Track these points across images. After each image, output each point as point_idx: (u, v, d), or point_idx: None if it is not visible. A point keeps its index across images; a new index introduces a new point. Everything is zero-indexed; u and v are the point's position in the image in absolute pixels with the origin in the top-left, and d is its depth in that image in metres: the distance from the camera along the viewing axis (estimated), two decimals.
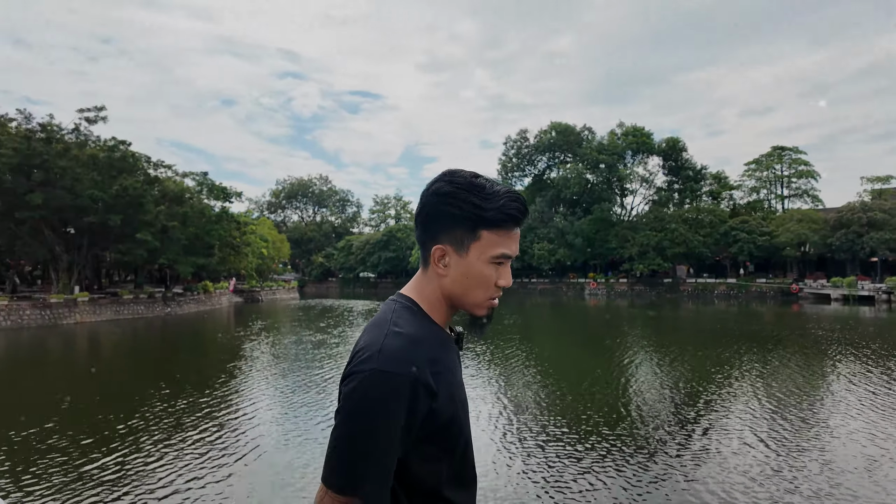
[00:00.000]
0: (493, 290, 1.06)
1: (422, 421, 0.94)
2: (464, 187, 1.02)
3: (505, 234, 1.04)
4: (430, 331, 1.03)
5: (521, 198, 1.05)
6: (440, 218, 1.03)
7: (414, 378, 0.91)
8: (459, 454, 1.03)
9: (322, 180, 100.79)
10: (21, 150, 25.73)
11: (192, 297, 36.93)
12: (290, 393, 11.21)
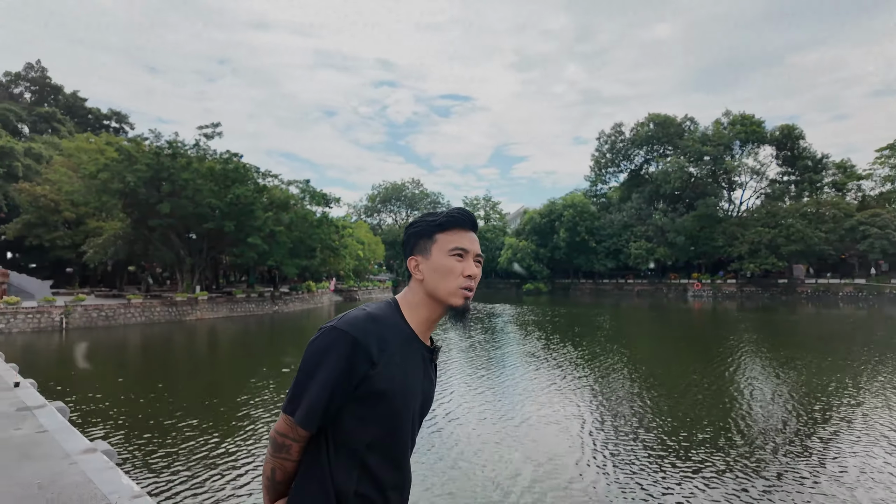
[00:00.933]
0: (461, 280, 1.26)
1: (359, 380, 1.15)
2: (421, 215, 1.35)
3: (456, 233, 1.29)
4: (395, 322, 1.25)
5: (465, 209, 1.33)
6: (410, 239, 1.34)
7: (355, 339, 1.14)
8: (386, 429, 1.21)
9: (414, 184, 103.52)
10: (152, 165, 28.95)
11: (297, 295, 39.48)
12: None
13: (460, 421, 9.04)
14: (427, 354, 1.32)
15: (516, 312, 34.11)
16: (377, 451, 1.22)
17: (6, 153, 43.98)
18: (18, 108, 55.97)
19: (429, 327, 1.32)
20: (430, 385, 1.35)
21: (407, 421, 1.25)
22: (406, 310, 1.30)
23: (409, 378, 1.24)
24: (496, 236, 77.94)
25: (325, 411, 1.16)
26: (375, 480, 1.22)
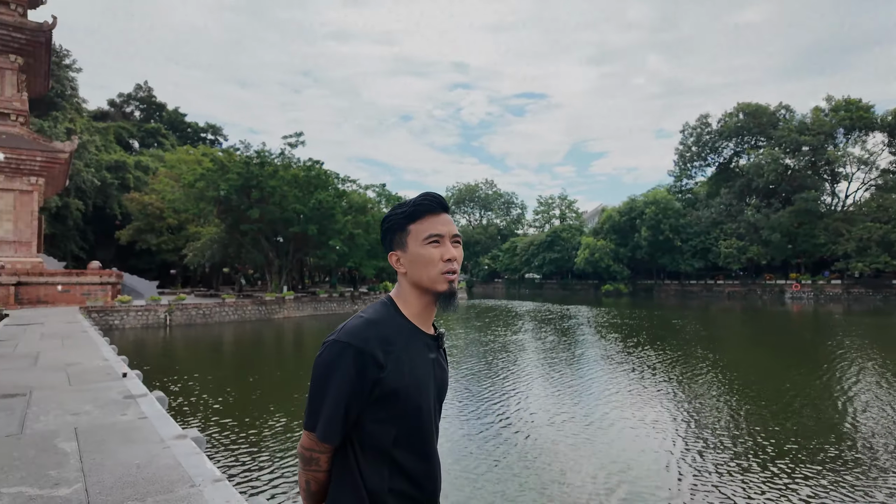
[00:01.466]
0: (441, 265, 1.27)
1: (371, 386, 1.18)
2: (391, 210, 1.35)
3: (427, 220, 1.29)
4: (394, 320, 1.27)
5: (431, 193, 1.32)
6: (386, 235, 1.35)
7: (358, 348, 1.16)
8: (408, 425, 1.24)
9: (488, 184, 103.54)
10: (242, 174, 31.14)
11: (375, 295, 40.82)
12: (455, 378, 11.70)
13: (535, 423, 8.96)
14: (432, 343, 1.33)
15: (594, 314, 33.14)
16: (403, 447, 1.24)
17: (120, 166, 49.05)
18: (130, 125, 62.18)
19: (426, 317, 1.33)
20: (441, 371, 1.36)
21: (426, 412, 1.27)
22: (401, 304, 1.31)
23: (419, 371, 1.26)
24: (572, 236, 76.11)
25: (344, 424, 1.20)
26: (407, 475, 1.24)
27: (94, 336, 13.70)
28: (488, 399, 10.75)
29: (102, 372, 8.45)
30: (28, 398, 6.60)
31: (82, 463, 4.29)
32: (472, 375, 13.47)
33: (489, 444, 7.88)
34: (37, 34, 28.05)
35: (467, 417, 9.41)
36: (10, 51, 28.06)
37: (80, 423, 5.46)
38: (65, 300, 26.03)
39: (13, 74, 28.40)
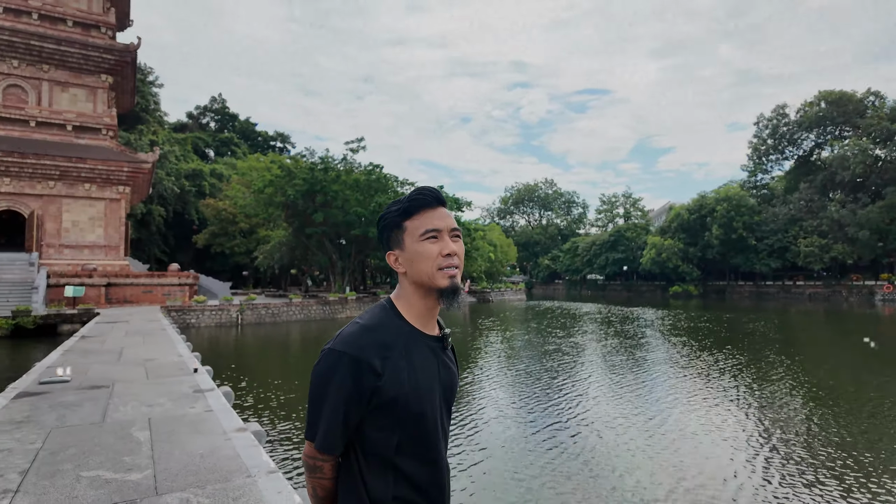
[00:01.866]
0: (439, 260, 1.22)
1: (369, 394, 1.16)
2: (387, 207, 1.31)
3: (421, 216, 1.24)
4: (392, 324, 1.23)
5: (426, 188, 1.28)
6: (383, 233, 1.30)
7: (354, 357, 1.14)
8: (410, 432, 1.20)
9: (547, 184, 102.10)
10: (307, 179, 32.47)
11: None
12: (512, 381, 11.65)
13: (598, 427, 8.77)
14: (435, 344, 1.29)
15: (660, 317, 31.90)
16: (407, 454, 1.21)
17: (197, 174, 52.37)
18: (206, 135, 66.28)
19: (429, 317, 1.29)
20: (448, 373, 1.31)
21: (429, 419, 1.23)
22: (401, 306, 1.27)
23: (420, 376, 1.22)
24: (638, 235, 73.57)
25: (343, 434, 1.19)
26: (412, 482, 1.22)
27: (171, 333, 14.77)
28: (544, 401, 10.64)
29: (176, 367, 9.11)
30: (111, 390, 7.24)
31: (153, 451, 4.68)
32: (528, 375, 13.37)
33: (543, 447, 7.81)
34: (124, 55, 30.56)
35: (522, 419, 9.36)
36: (101, 71, 30.72)
37: (153, 414, 5.94)
38: (148, 300, 28.17)
39: (104, 92, 31.06)
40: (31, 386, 7.45)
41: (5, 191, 27.36)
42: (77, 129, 29.87)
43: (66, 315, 22.41)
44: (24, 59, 28.74)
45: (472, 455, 7.53)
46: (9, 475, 4.10)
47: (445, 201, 1.29)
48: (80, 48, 29.42)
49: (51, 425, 5.49)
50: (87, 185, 29.13)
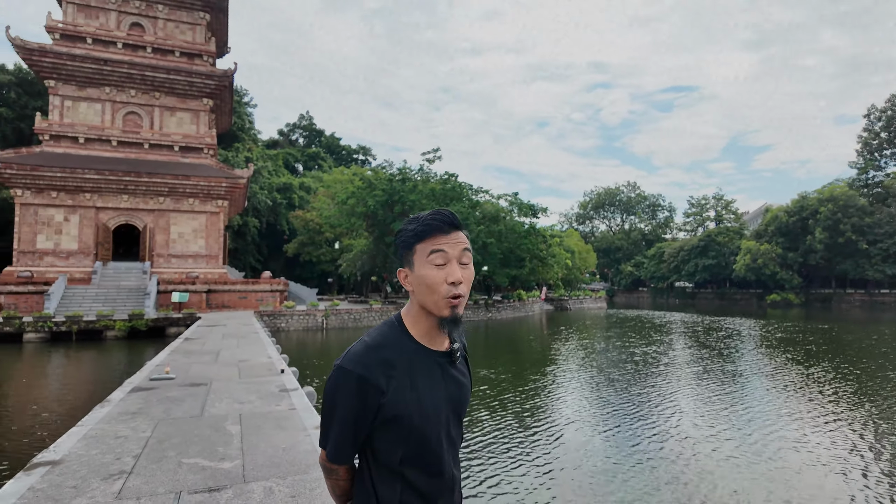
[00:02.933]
0: (444, 289, 1.23)
1: (375, 411, 1.22)
2: (403, 225, 1.33)
3: (432, 240, 1.26)
4: (398, 341, 1.28)
5: (442, 212, 1.29)
6: (397, 251, 1.33)
7: (360, 375, 1.20)
8: (414, 446, 1.25)
9: (630, 187, 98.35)
10: (386, 190, 33.66)
11: (509, 304, 41.11)
12: (597, 397, 11.42)
13: (692, 449, 8.25)
14: (443, 360, 1.33)
15: (756, 328, 29.69)
16: (412, 465, 1.26)
17: (287, 188, 55.81)
18: (295, 150, 70.50)
19: (435, 335, 1.32)
20: (456, 386, 1.35)
21: (432, 435, 1.27)
22: (409, 323, 1.31)
23: (424, 394, 1.26)
24: (730, 239, 68.86)
25: (353, 446, 1.27)
26: (418, 491, 1.27)
27: (262, 337, 15.92)
28: (631, 414, 10.34)
29: (266, 368, 9.86)
30: (209, 387, 8.00)
31: (243, 443, 5.18)
32: (610, 386, 13.03)
33: (631, 462, 7.61)
34: (223, 80, 33.39)
35: (608, 432, 9.14)
36: (203, 95, 33.75)
37: (244, 411, 6.52)
38: (243, 305, 30.42)
39: (205, 115, 34.08)
40: (143, 382, 8.40)
41: (123, 207, 30.78)
42: (182, 149, 32.99)
43: (173, 318, 24.76)
44: (140, 88, 32.24)
45: (556, 461, 7.52)
46: (124, 458, 4.72)
47: (461, 225, 1.31)
48: (186, 76, 32.54)
49: (158, 417, 6.21)
50: (191, 199, 32.06)
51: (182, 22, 33.79)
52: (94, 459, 4.68)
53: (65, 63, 30.10)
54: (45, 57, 29.72)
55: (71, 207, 29.73)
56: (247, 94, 61.55)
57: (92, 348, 20.69)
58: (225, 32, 37.88)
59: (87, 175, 29.30)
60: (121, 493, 3.91)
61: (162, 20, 33.32)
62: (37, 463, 4.60)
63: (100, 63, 30.63)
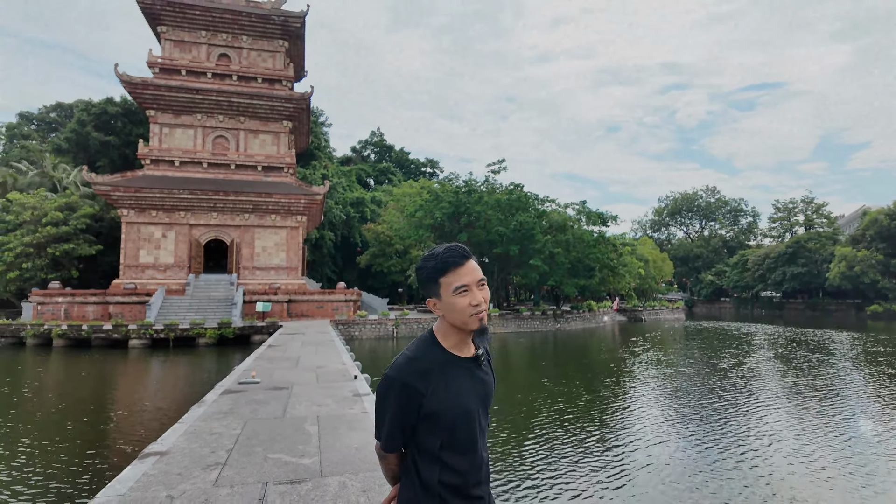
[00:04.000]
0: (469, 310, 1.54)
1: (417, 409, 1.53)
2: (422, 261, 1.59)
3: (453, 272, 1.55)
4: (431, 353, 1.58)
5: (453, 247, 1.57)
6: (422, 285, 1.61)
7: (403, 382, 1.52)
8: (450, 434, 1.55)
9: (709, 191, 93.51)
10: (452, 202, 34.33)
11: (578, 314, 40.31)
12: (674, 413, 11.15)
13: (768, 460, 7.98)
14: (470, 364, 1.63)
15: (856, 342, 27.27)
16: (448, 450, 1.55)
17: (360, 202, 58.03)
18: (367, 166, 73.19)
19: (462, 345, 1.63)
20: (482, 385, 1.64)
21: (465, 425, 1.56)
22: (440, 337, 1.61)
23: (455, 393, 1.56)
24: (822, 245, 63.60)
25: (400, 438, 1.58)
26: (453, 469, 1.56)
27: (338, 344, 16.78)
28: (712, 429, 10.03)
29: (340, 374, 10.50)
30: (290, 391, 8.68)
31: (320, 442, 5.67)
32: (692, 402, 12.63)
33: (716, 480, 7.44)
34: (300, 102, 35.55)
35: (688, 448, 8.90)
36: (283, 118, 36.07)
37: (321, 413, 7.07)
38: (320, 314, 31.98)
39: (285, 136, 36.37)
40: (233, 385, 9.24)
41: (213, 223, 33.41)
42: (265, 168, 35.37)
43: (257, 327, 26.52)
44: (227, 113, 35.00)
45: (636, 479, 7.52)
46: (219, 452, 5.34)
47: (471, 255, 1.59)
48: (268, 100, 34.96)
49: (247, 417, 6.88)
50: (273, 215, 34.26)
51: (263, 50, 36.39)
52: (194, 452, 5.33)
53: (163, 94, 33.29)
54: (146, 89, 33.04)
55: (168, 225, 32.70)
56: (322, 114, 64.86)
57: (186, 354, 22.63)
58: (302, 57, 40.32)
59: (182, 195, 32.18)
60: (217, 482, 4.47)
61: (246, 50, 36.06)
62: (147, 453, 5.31)
63: (193, 92, 33.60)
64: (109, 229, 38.81)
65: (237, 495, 4.17)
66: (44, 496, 6.80)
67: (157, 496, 4.15)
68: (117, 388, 15.89)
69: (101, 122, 47.18)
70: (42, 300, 29.03)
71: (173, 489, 4.30)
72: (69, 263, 36.14)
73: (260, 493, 4.21)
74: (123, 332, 24.68)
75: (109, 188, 31.30)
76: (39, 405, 12.69)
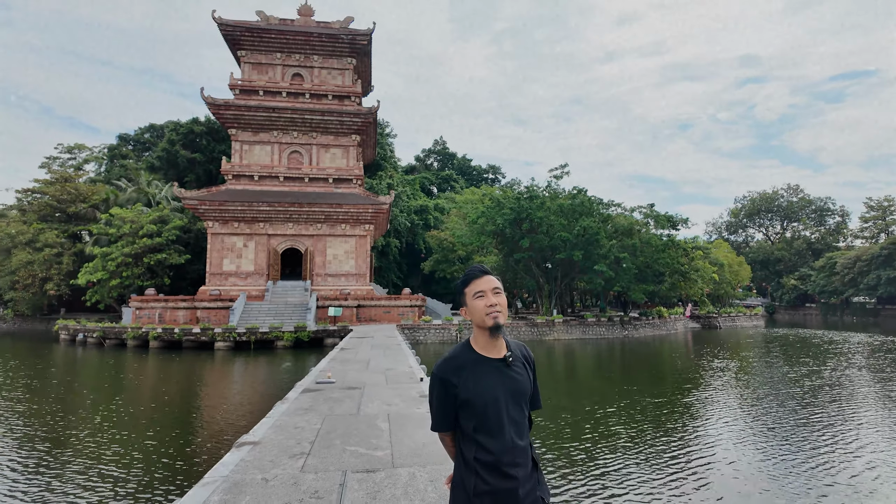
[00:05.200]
0: (485, 310, 1.99)
1: (454, 398, 1.97)
2: (458, 281, 2.12)
3: (473, 283, 2.04)
4: (465, 354, 2.03)
5: (475, 266, 2.11)
6: (456, 298, 2.16)
7: (441, 378, 1.99)
8: (480, 419, 1.95)
9: (791, 190, 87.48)
10: (514, 208, 34.49)
11: (647, 321, 39.13)
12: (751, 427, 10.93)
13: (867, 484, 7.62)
14: (499, 363, 2.01)
15: None
16: (480, 433, 1.94)
17: (423, 209, 59.34)
18: (430, 174, 74.64)
19: (490, 346, 2.02)
20: (511, 381, 2.01)
21: (493, 413, 1.94)
22: (473, 343, 2.04)
23: (483, 385, 1.96)
24: None
25: (445, 421, 2.02)
26: (485, 450, 1.93)
27: (404, 348, 17.52)
28: (807, 453, 9.77)
29: (407, 376, 11.12)
30: (362, 391, 9.38)
31: (391, 437, 6.24)
32: (774, 417, 12.27)
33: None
34: (368, 116, 37.11)
35: (774, 469, 8.57)
36: (352, 132, 37.78)
37: (391, 411, 7.67)
38: (387, 319, 33.14)
39: (354, 149, 38.06)
40: (311, 385, 10.07)
41: (289, 233, 35.51)
42: (335, 180, 37.18)
43: (329, 330, 27.93)
44: (300, 129, 37.13)
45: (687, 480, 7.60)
46: (303, 443, 6.02)
47: (491, 272, 2.07)
48: (338, 116, 36.78)
49: (325, 413, 7.59)
50: (342, 225, 35.95)
51: (333, 68, 38.34)
52: (281, 443, 6.04)
53: (243, 113, 35.86)
54: (228, 110, 35.72)
55: (248, 235, 35.12)
56: (388, 125, 66.96)
57: (266, 355, 24.28)
58: (369, 73, 42.07)
59: (261, 207, 34.50)
60: (303, 468, 5.12)
61: (317, 69, 38.14)
62: (242, 442, 6.08)
63: (269, 111, 35.97)
64: (196, 240, 42.16)
65: (321, 480, 4.78)
66: (151, 474, 7.83)
67: (254, 478, 4.83)
68: (209, 385, 17.46)
69: (188, 141, 51.34)
70: (140, 305, 32.06)
71: (267, 473, 4.98)
72: (162, 271, 39.60)
73: (340, 480, 4.80)
74: (210, 335, 26.80)
75: (197, 202, 34.07)
76: (146, 399, 14.27)
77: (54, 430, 10.74)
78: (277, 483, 4.70)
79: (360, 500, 4.29)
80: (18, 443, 9.83)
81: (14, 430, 10.79)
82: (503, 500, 1.92)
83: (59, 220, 47.48)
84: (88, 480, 7.75)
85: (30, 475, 8.03)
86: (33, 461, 8.69)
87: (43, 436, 10.27)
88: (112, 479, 7.80)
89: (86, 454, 9.04)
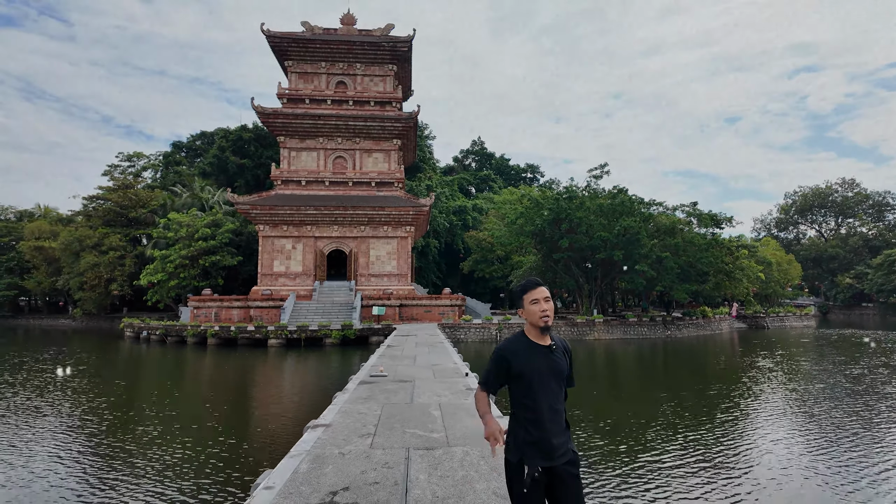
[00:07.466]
0: (539, 314, 2.64)
1: (507, 369, 2.64)
2: (517, 287, 2.81)
3: (530, 292, 2.69)
4: (520, 340, 2.70)
5: (531, 278, 2.74)
6: (515, 301, 2.86)
7: (501, 354, 2.66)
8: (527, 389, 2.61)
9: (846, 185, 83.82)
10: (553, 208, 34.76)
11: (691, 321, 38.62)
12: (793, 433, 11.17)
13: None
14: (545, 349, 2.65)
15: None
16: (528, 398, 2.57)
17: (462, 210, 60.10)
18: (468, 175, 75.27)
19: (539, 337, 2.66)
20: (554, 363, 2.63)
21: (538, 385, 2.57)
22: (527, 332, 2.70)
23: (532, 364, 2.59)
24: None
25: (494, 383, 2.66)
26: (531, 410, 2.57)
27: (447, 346, 18.33)
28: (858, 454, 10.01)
29: (453, 371, 11.90)
30: (413, 384, 10.21)
31: (444, 423, 7.01)
32: (824, 419, 12.43)
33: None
34: (408, 121, 38.18)
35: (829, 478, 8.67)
36: (393, 136, 38.93)
37: (441, 401, 8.45)
38: (428, 318, 34.07)
39: (395, 153, 39.21)
40: (366, 378, 10.97)
41: (334, 235, 36.98)
42: (377, 184, 38.42)
43: (374, 329, 29.07)
44: (344, 135, 38.55)
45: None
46: (368, 426, 6.86)
47: (544, 284, 2.70)
48: (380, 122, 38.01)
49: (382, 402, 8.44)
50: (385, 227, 37.15)
51: (375, 75, 39.60)
52: (349, 425, 6.90)
53: (290, 121, 37.54)
54: (276, 118, 37.46)
55: (297, 238, 36.76)
56: (427, 128, 68.05)
57: (315, 352, 25.59)
58: (409, 78, 43.17)
59: (308, 211, 36.07)
60: (372, 445, 5.94)
61: (360, 76, 39.48)
62: (315, 424, 6.97)
63: (315, 118, 37.52)
64: (247, 242, 44.27)
65: (388, 454, 5.59)
66: (236, 450, 8.88)
67: (332, 452, 5.69)
68: (270, 379, 18.77)
69: (237, 147, 53.82)
70: (197, 305, 34.11)
71: (342, 448, 5.83)
72: (216, 273, 41.85)
73: (405, 455, 5.59)
74: (264, 332, 28.38)
75: (248, 207, 35.93)
76: (218, 391, 15.61)
77: (149, 417, 12.09)
78: (352, 456, 5.53)
79: (423, 469, 5.07)
80: (132, 430, 11.15)
81: (126, 419, 12.19)
82: (542, 447, 2.56)
83: (121, 225, 50.81)
84: (185, 455, 8.88)
85: (144, 451, 9.24)
86: (147, 440, 9.94)
87: (147, 421, 11.61)
88: (206, 454, 8.91)
89: (181, 436, 10.24)
